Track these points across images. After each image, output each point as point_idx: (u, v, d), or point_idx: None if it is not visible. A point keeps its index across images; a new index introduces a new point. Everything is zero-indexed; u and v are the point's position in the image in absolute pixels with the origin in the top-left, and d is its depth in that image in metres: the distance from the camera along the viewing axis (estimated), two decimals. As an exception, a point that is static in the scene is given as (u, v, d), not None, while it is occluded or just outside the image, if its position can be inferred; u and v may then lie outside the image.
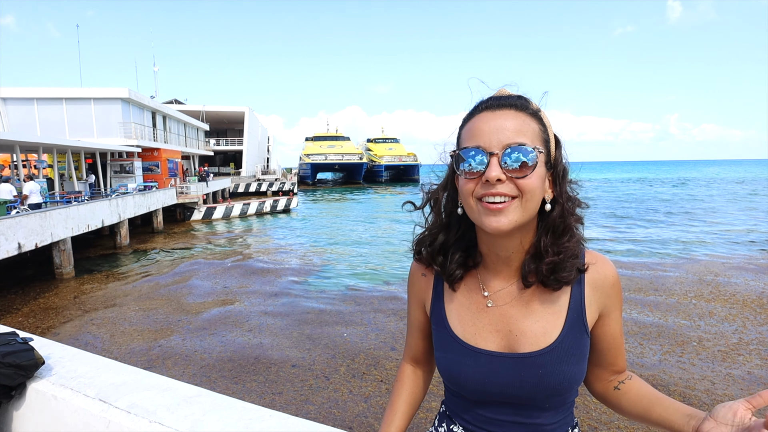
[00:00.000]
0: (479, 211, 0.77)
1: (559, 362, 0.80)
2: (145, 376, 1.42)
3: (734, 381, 4.92)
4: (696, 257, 11.25)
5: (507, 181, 0.75)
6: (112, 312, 7.99)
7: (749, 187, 38.55)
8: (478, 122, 0.80)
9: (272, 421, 1.15)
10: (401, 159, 51.55)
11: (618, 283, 0.86)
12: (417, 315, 0.99)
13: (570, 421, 0.90)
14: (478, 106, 0.83)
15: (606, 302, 0.85)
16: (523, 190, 0.76)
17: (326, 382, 5.17)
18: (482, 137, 0.77)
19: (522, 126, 0.77)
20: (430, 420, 4.21)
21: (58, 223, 10.64)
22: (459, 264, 0.89)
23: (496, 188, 0.75)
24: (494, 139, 0.76)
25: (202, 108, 40.66)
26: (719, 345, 5.87)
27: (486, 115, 0.79)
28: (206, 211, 22.04)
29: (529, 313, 0.84)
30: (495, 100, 0.81)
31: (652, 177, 69.20)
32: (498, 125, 0.77)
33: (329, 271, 11.16)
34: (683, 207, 23.98)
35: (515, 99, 0.80)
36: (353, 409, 4.59)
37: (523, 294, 0.85)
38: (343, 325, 7.02)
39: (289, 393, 4.94)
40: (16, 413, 1.46)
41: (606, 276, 0.84)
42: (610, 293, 0.85)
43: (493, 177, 0.74)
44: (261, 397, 4.89)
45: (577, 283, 0.84)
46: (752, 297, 7.78)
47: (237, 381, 5.23)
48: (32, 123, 20.80)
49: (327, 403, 4.70)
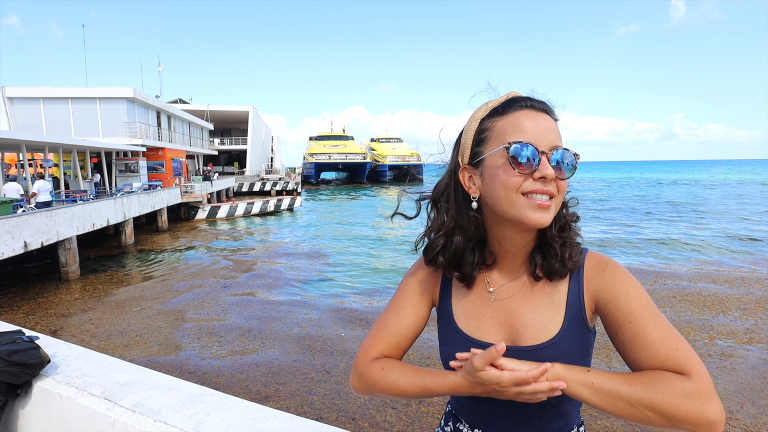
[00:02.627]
0: (524, 205, 0.77)
1: (560, 356, 0.79)
2: (150, 375, 1.43)
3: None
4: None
5: (553, 180, 0.78)
6: (116, 310, 8.03)
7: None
8: (522, 118, 0.80)
9: (276, 421, 1.15)
10: (405, 159, 51.50)
11: (616, 268, 0.82)
12: (419, 310, 0.94)
13: (576, 419, 0.90)
14: (515, 101, 0.82)
15: (604, 286, 0.81)
16: (561, 190, 0.80)
17: (327, 376, 5.24)
18: (531, 135, 0.78)
19: (558, 131, 0.81)
20: (437, 417, 4.24)
21: (63, 222, 10.70)
22: (476, 265, 0.88)
23: (548, 186, 0.77)
24: (543, 139, 0.78)
25: (207, 107, 40.79)
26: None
27: (530, 114, 0.80)
28: (210, 211, 22.11)
29: (531, 307, 0.85)
30: (536, 101, 0.82)
31: (675, 178, 62.17)
32: (544, 126, 0.79)
33: (331, 271, 11.17)
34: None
35: (547, 105, 0.83)
36: (355, 400, 4.66)
37: (525, 288, 0.86)
38: (342, 325, 7.03)
39: (292, 384, 4.99)
40: (22, 411, 1.47)
41: (601, 264, 0.83)
42: (608, 277, 0.81)
43: (551, 175, 0.76)
44: (266, 386, 4.99)
45: (575, 279, 0.84)
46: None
47: (238, 379, 5.25)
48: (38, 122, 20.93)
49: (330, 395, 4.77)
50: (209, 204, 22.83)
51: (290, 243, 15.21)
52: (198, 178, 27.26)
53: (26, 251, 9.27)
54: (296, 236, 16.80)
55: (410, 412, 4.33)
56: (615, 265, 0.83)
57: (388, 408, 4.39)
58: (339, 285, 9.70)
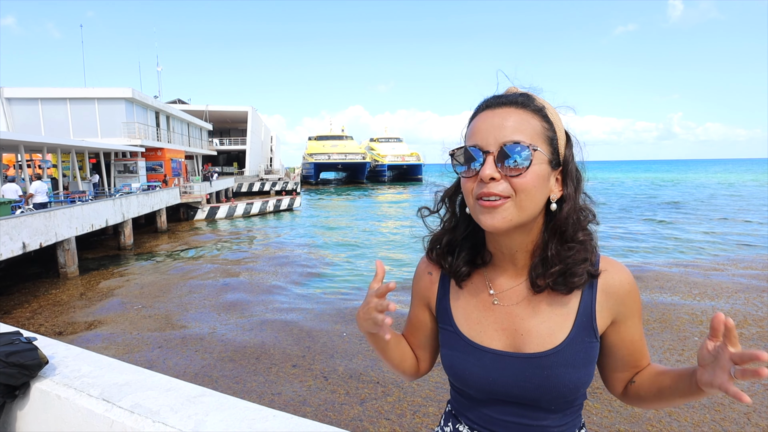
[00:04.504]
0: (476, 209, 0.78)
1: (565, 365, 0.78)
2: (148, 375, 1.43)
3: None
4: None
5: (502, 179, 0.75)
6: (115, 311, 8.01)
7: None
8: (478, 121, 0.80)
9: (275, 421, 1.15)
10: (404, 158, 51.52)
11: (635, 291, 0.83)
12: (417, 312, 0.99)
13: (577, 422, 0.88)
14: (480, 105, 0.82)
15: (621, 309, 0.82)
16: (517, 189, 0.75)
17: (324, 383, 5.18)
18: (479, 135, 0.78)
19: (521, 124, 0.76)
20: (431, 429, 4.22)
21: (62, 222, 10.69)
22: (465, 261, 0.89)
23: (489, 187, 0.75)
24: (491, 137, 0.76)
25: (206, 108, 40.76)
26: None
27: (486, 114, 0.79)
28: (209, 211, 22.10)
29: (535, 314, 0.83)
30: (496, 98, 0.80)
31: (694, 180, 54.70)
32: (496, 123, 0.77)
33: (332, 270, 11.17)
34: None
35: (517, 96, 0.79)
36: (349, 411, 4.56)
37: (531, 294, 0.84)
38: (343, 323, 7.03)
39: (288, 393, 4.96)
40: (20, 413, 1.46)
41: (621, 283, 0.82)
42: (626, 300, 0.82)
43: (486, 176, 0.74)
44: (267, 380, 4.94)
45: (588, 288, 0.82)
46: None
47: (238, 380, 5.24)
48: (36, 123, 20.89)
49: (324, 405, 4.72)
50: (208, 204, 22.83)
51: (290, 243, 15.20)
52: (197, 179, 27.24)
53: (25, 252, 9.26)
54: (296, 236, 16.79)
55: (404, 423, 4.25)
56: (635, 286, 0.83)
57: (382, 419, 4.33)
58: (339, 284, 9.70)
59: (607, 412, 4.28)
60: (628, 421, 4.13)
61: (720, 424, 4.08)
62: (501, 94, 0.82)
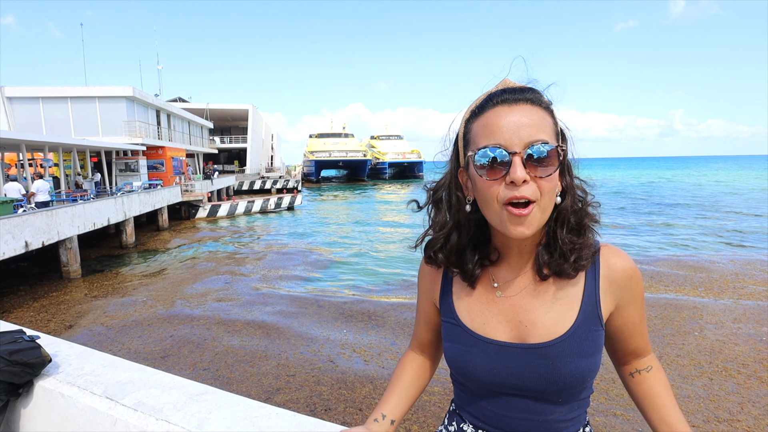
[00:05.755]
0: (503, 218, 0.74)
1: (570, 354, 0.77)
2: (151, 373, 1.43)
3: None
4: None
5: (531, 181, 0.72)
6: (118, 309, 8.03)
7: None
8: (494, 117, 0.74)
9: (279, 419, 1.15)
10: (405, 156, 51.48)
11: (636, 275, 0.83)
12: (425, 307, 0.99)
13: (582, 419, 0.87)
14: (490, 99, 0.77)
15: (623, 294, 0.82)
16: (543, 191, 0.73)
17: (332, 366, 5.38)
18: (501, 135, 0.72)
19: (540, 122, 0.73)
20: (439, 407, 4.29)
21: (64, 221, 10.71)
22: (478, 264, 0.87)
23: (522, 191, 0.71)
24: (515, 136, 0.72)
25: (206, 106, 40.73)
26: None
27: (502, 110, 0.74)
28: (211, 209, 22.11)
29: (540, 304, 0.82)
30: (510, 93, 0.75)
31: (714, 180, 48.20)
32: (517, 121, 0.72)
33: (334, 268, 11.18)
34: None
35: (529, 92, 0.76)
36: (360, 390, 4.76)
37: (535, 284, 0.83)
38: (344, 321, 7.04)
39: (301, 375, 4.99)
40: (24, 411, 1.47)
41: (624, 268, 0.82)
42: (628, 285, 0.82)
43: (519, 178, 0.70)
44: (277, 378, 4.96)
45: (591, 275, 0.82)
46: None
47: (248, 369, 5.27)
48: (38, 122, 20.91)
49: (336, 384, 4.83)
50: (210, 203, 22.82)
51: (291, 241, 15.21)
52: (198, 177, 27.25)
53: (27, 251, 9.28)
54: (297, 234, 16.79)
55: (405, 422, 4.24)
56: (637, 272, 0.84)
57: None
58: (339, 282, 9.70)
59: (603, 399, 4.43)
60: (623, 407, 4.26)
61: (714, 412, 4.16)
62: (511, 87, 0.77)
